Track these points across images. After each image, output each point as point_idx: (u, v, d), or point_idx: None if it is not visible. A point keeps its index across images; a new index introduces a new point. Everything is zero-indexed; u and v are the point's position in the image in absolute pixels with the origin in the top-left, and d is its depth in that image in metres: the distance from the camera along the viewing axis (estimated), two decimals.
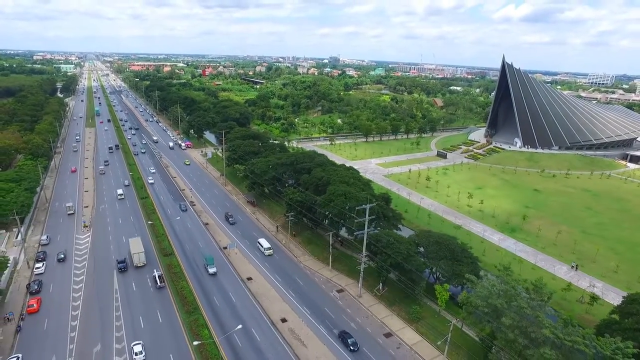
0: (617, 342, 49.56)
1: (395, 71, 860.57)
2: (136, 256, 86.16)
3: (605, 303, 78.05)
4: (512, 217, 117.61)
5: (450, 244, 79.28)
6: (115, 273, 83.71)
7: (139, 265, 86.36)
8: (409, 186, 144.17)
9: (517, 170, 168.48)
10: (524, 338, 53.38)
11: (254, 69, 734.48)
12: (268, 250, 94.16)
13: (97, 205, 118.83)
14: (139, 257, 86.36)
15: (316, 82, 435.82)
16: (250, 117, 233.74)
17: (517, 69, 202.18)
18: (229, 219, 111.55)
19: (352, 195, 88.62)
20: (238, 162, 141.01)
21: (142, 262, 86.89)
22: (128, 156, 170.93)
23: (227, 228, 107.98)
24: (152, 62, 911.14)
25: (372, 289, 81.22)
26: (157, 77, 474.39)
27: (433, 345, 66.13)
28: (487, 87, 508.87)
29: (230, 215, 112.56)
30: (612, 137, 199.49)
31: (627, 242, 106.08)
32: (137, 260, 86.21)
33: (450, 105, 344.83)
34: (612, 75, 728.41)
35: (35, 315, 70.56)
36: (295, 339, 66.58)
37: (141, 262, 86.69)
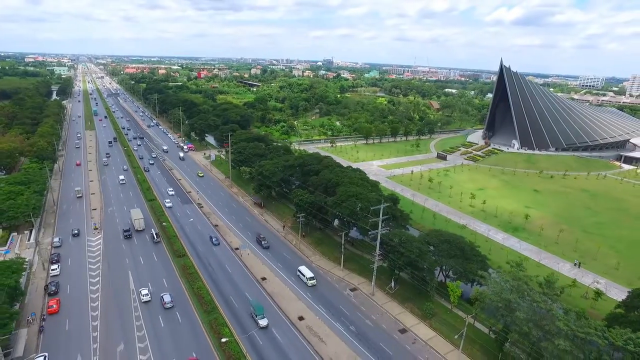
0: (627, 333, 52.21)
1: (389, 74, 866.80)
2: (137, 222, 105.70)
3: (608, 299, 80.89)
4: (514, 216, 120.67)
5: (460, 242, 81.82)
6: (130, 274, 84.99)
7: (139, 229, 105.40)
8: (412, 187, 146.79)
9: (516, 172, 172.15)
10: (538, 331, 55.90)
11: (249, 71, 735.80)
12: (311, 281, 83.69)
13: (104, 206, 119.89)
14: (139, 223, 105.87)
15: (313, 85, 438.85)
16: (250, 120, 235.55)
17: (515, 72, 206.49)
18: (261, 242, 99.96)
19: (363, 196, 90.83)
20: (243, 164, 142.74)
21: (142, 227, 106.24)
22: (132, 160, 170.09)
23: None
24: (146, 64, 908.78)
25: (384, 287, 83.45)
26: (153, 79, 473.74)
27: (447, 340, 68.50)
28: (481, 90, 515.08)
29: (262, 238, 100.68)
30: (607, 138, 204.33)
31: (626, 241, 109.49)
32: (137, 225, 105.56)
33: (446, 108, 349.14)
34: (602, 77, 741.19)
35: (56, 315, 71.74)
36: (314, 336, 68.54)
37: (141, 227, 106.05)
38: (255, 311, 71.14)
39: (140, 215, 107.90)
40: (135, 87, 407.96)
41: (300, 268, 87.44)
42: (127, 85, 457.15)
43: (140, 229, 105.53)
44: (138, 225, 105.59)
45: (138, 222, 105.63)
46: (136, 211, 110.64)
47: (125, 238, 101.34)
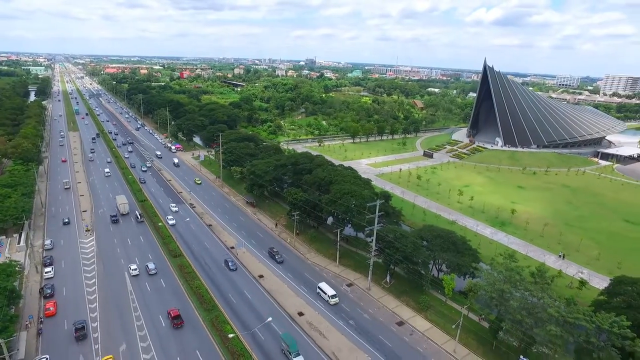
0: (612, 317, 55.53)
1: (372, 73, 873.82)
2: (122, 206, 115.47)
3: (591, 288, 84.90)
4: (500, 212, 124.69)
5: (452, 237, 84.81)
6: (127, 276, 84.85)
7: (124, 213, 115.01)
8: (401, 185, 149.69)
9: (501, 168, 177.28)
10: (530, 318, 58.82)
11: (232, 71, 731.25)
12: (333, 299, 77.60)
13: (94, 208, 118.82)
14: (124, 207, 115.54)
15: (297, 85, 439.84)
16: (237, 120, 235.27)
17: (498, 71, 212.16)
18: (275, 256, 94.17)
19: (357, 194, 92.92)
20: (234, 164, 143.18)
21: (126, 210, 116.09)
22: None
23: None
24: (126, 64, 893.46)
25: (379, 282, 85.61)
26: (135, 80, 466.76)
27: (443, 331, 71.07)
28: (463, 89, 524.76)
29: (275, 252, 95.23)
30: (585, 136, 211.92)
31: (606, 233, 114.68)
32: (122, 209, 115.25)
33: (430, 107, 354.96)
34: (577, 77, 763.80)
35: (54, 318, 71.38)
36: (315, 331, 70.13)
37: (125, 210, 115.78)
38: (288, 347, 62.34)
39: (125, 200, 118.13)
40: (117, 87, 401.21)
41: (321, 285, 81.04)
42: (108, 86, 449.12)
43: (125, 213, 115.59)
44: (123, 209, 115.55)
45: (123, 206, 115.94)
46: (121, 197, 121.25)
47: (112, 222, 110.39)
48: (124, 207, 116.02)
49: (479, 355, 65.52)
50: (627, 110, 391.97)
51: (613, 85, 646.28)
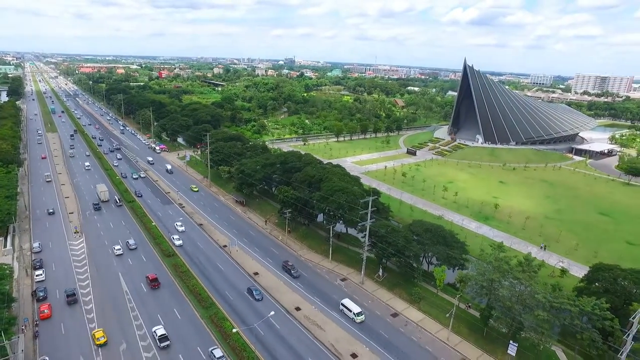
0: (593, 301, 59.46)
1: (352, 72, 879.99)
2: (102, 194, 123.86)
3: (571, 276, 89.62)
4: (483, 206, 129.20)
5: (441, 231, 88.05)
6: (121, 276, 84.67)
7: (104, 200, 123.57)
8: (387, 182, 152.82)
9: (482, 165, 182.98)
10: (519, 305, 62.22)
11: (212, 71, 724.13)
12: (359, 317, 72.71)
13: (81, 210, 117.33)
14: (104, 195, 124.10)
15: (279, 84, 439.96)
16: (220, 120, 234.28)
17: (477, 70, 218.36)
18: (290, 271, 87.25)
19: (348, 190, 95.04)
20: (221, 163, 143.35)
21: (106, 198, 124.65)
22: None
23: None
24: (101, 63, 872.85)
25: (372, 276, 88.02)
26: (113, 79, 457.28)
27: (436, 320, 74.02)
28: (442, 87, 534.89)
29: (291, 266, 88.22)
30: (560, 132, 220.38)
31: (582, 224, 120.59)
32: (103, 197, 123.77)
33: (411, 105, 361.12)
34: (550, 76, 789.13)
35: (50, 320, 70.85)
36: (313, 324, 71.92)
37: (106, 198, 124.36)
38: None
39: (105, 188, 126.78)
40: (94, 87, 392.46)
41: (345, 302, 75.63)
42: (85, 86, 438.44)
43: (105, 200, 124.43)
44: (103, 196, 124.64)
45: (103, 193, 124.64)
46: (101, 185, 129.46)
47: (95, 210, 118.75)
48: (104, 195, 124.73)
49: (471, 342, 68.70)
50: (597, 108, 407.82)
51: (583, 84, 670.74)
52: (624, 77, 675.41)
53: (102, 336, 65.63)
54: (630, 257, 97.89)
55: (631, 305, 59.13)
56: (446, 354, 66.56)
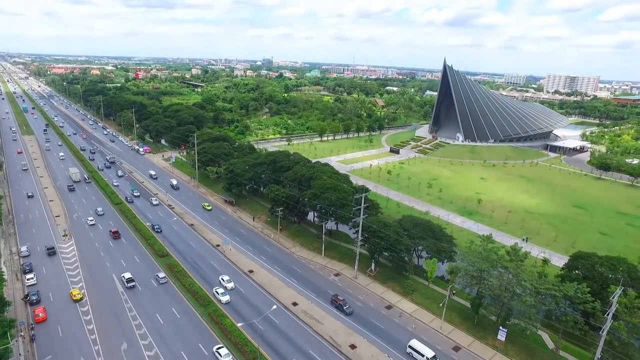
0: (575, 285, 63.54)
1: (330, 72, 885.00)
2: (74, 175, 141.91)
3: (552, 266, 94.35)
4: (467, 202, 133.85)
5: (430, 225, 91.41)
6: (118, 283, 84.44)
7: (76, 180, 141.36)
8: (373, 180, 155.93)
9: (463, 162, 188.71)
10: (508, 292, 65.84)
11: (190, 71, 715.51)
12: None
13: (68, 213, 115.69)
14: (76, 175, 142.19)
15: (259, 85, 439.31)
16: (203, 121, 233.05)
17: (457, 70, 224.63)
18: (342, 307, 75.55)
19: (339, 188, 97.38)
20: (209, 164, 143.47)
21: (78, 178, 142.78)
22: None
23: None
24: (74, 64, 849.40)
25: (364, 270, 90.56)
26: (89, 80, 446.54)
27: (429, 311, 77.09)
28: (420, 87, 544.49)
29: (342, 301, 76.32)
30: (535, 130, 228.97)
31: (560, 217, 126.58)
32: (74, 177, 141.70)
33: (391, 105, 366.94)
34: (523, 75, 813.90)
35: (45, 323, 70.37)
36: (311, 318, 73.83)
37: (77, 178, 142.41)
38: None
39: (76, 170, 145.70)
40: (69, 89, 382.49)
41: (413, 344, 65.98)
42: (59, 87, 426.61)
43: (77, 180, 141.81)
44: (75, 177, 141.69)
45: (75, 175, 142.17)
46: (73, 169, 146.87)
47: (69, 191, 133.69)
48: (75, 176, 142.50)
49: (463, 330, 72.01)
50: (568, 106, 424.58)
51: (554, 84, 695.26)
52: (591, 77, 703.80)
53: (78, 293, 76.66)
54: (604, 247, 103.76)
55: (609, 288, 63.41)
56: (440, 341, 69.61)
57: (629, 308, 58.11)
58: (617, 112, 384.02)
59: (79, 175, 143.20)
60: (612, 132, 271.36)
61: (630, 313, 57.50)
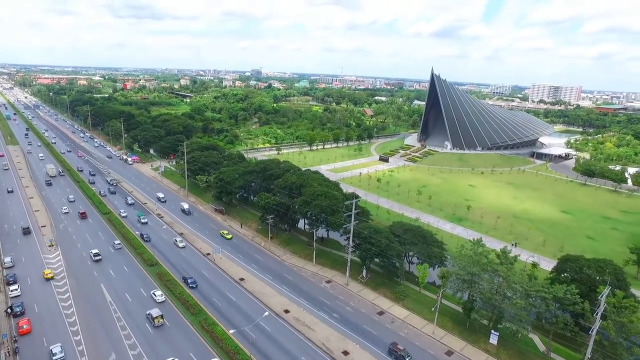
0: (565, 287, 64.31)
1: (319, 83, 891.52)
2: (50, 170, 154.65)
3: (541, 269, 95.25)
4: (456, 209, 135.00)
5: (420, 231, 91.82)
6: (103, 288, 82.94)
7: (52, 175, 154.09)
8: (362, 188, 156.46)
9: (452, 170, 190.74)
10: (499, 295, 66.29)
11: (178, 82, 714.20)
12: None
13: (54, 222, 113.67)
14: (52, 170, 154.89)
15: (248, 95, 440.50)
16: (192, 131, 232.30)
17: (444, 80, 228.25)
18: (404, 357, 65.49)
19: (330, 195, 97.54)
20: (198, 173, 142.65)
21: (54, 173, 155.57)
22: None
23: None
24: (60, 74, 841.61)
25: (356, 277, 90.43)
26: (76, 91, 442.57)
27: (420, 316, 77.13)
28: (408, 97, 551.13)
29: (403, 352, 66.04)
30: (522, 138, 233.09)
31: (548, 222, 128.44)
32: (51, 172, 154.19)
33: (379, 114, 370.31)
34: (508, 85, 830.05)
35: (30, 335, 68.55)
36: (303, 325, 73.25)
37: (54, 173, 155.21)
38: None
39: (52, 166, 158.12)
40: (56, 99, 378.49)
41: None
42: (45, 97, 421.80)
43: (53, 175, 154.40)
44: (51, 172, 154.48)
45: (51, 170, 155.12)
46: (49, 165, 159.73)
47: (47, 185, 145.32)
48: (52, 171, 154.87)
49: (455, 335, 72.15)
50: (552, 115, 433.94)
51: (538, 93, 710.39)
52: (574, 87, 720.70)
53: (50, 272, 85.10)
54: (591, 250, 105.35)
55: (597, 289, 64.38)
56: (432, 346, 69.60)
57: (617, 308, 58.99)
58: (599, 120, 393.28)
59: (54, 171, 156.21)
60: (595, 139, 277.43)
61: (618, 313, 58.35)
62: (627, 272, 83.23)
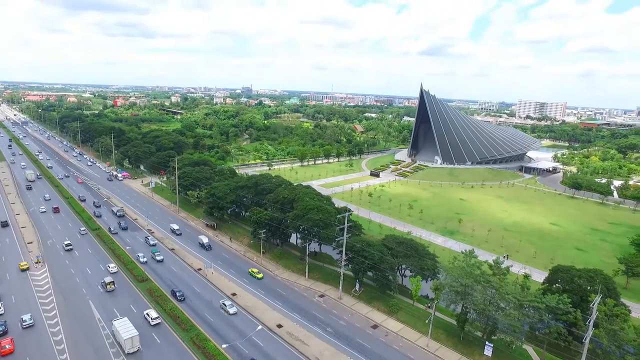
0: (557, 297, 64.68)
1: (309, 100, 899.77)
2: (29, 175, 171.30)
3: (533, 281, 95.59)
4: (448, 222, 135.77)
5: (413, 244, 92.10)
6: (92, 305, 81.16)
7: (31, 180, 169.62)
8: (354, 203, 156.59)
9: (442, 184, 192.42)
10: (492, 306, 66.33)
11: (170, 99, 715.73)
12: None
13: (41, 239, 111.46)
14: (30, 175, 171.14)
15: (239, 112, 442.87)
16: (183, 147, 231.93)
17: (433, 95, 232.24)
18: None
19: (322, 208, 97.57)
20: (190, 188, 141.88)
21: (33, 178, 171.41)
22: None
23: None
24: (50, 92, 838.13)
25: (349, 291, 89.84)
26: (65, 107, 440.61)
27: (414, 329, 76.66)
28: (398, 113, 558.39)
29: None
30: (510, 152, 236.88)
31: (538, 234, 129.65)
32: (29, 177, 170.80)
33: (370, 130, 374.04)
34: (496, 102, 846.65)
35: (12, 355, 66.48)
36: (296, 340, 72.23)
37: (32, 178, 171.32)
38: None
39: (31, 172, 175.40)
40: (45, 115, 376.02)
41: None
42: (34, 114, 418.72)
43: (32, 180, 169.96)
44: (30, 177, 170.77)
45: (30, 175, 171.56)
46: (28, 170, 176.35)
47: (27, 189, 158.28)
48: (30, 176, 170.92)
49: (450, 347, 71.69)
50: (539, 130, 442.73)
51: (525, 109, 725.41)
52: (559, 103, 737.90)
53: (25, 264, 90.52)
54: (580, 261, 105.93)
55: (588, 298, 64.82)
56: (427, 359, 68.97)
57: (608, 316, 59.40)
58: (584, 135, 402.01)
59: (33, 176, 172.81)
60: (581, 153, 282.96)
61: (609, 320, 58.73)
62: (617, 283, 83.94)
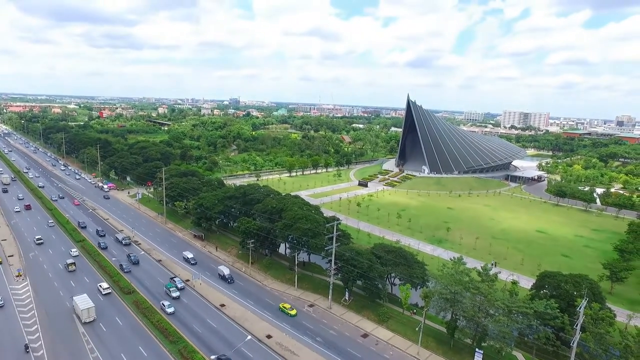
0: (545, 302, 65.42)
1: (297, 111, 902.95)
2: (4, 178, 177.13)
3: (520, 288, 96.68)
4: (436, 231, 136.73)
5: (402, 252, 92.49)
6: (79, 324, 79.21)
7: (6, 183, 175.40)
8: (343, 213, 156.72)
9: (430, 193, 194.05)
10: (481, 313, 66.70)
11: (156, 110, 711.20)
12: None
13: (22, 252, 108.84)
14: (5, 179, 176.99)
15: (227, 123, 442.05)
16: (170, 158, 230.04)
17: (420, 106, 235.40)
18: None
19: (311, 217, 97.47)
20: (177, 199, 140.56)
21: (8, 181, 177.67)
22: None
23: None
24: (34, 103, 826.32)
25: (339, 300, 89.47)
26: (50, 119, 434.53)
27: (405, 337, 76.50)
28: (385, 124, 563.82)
29: None
30: (496, 161, 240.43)
31: (525, 242, 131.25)
32: (5, 180, 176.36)
33: (357, 141, 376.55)
34: (481, 112, 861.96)
35: None
36: (286, 350, 71.40)
37: (7, 181, 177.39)
38: None
39: (7, 175, 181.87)
40: (29, 126, 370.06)
41: None
42: (17, 125, 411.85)
43: (7, 183, 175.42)
44: (5, 181, 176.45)
45: (5, 179, 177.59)
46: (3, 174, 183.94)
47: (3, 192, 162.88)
48: (6, 179, 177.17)
49: (440, 355, 71.66)
50: (524, 140, 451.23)
51: (510, 119, 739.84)
52: (543, 114, 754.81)
53: None
54: (566, 268, 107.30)
55: (575, 303, 65.66)
56: None
57: (595, 319, 60.22)
58: (567, 144, 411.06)
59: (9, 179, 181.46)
60: (565, 162, 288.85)
61: (595, 324, 59.53)
62: (602, 288, 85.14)
